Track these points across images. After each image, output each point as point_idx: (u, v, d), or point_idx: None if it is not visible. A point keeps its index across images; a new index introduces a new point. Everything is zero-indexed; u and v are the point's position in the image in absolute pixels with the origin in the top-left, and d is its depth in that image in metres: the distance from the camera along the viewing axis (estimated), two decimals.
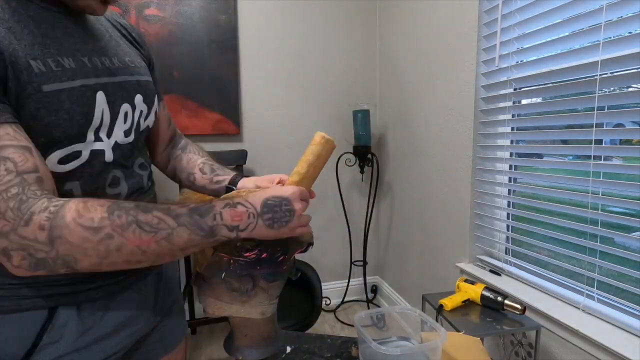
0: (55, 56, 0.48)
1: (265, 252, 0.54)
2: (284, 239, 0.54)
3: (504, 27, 1.27)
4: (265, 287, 0.57)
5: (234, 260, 0.54)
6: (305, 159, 0.58)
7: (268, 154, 2.09)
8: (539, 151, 1.21)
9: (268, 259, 0.55)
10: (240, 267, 0.54)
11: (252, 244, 0.53)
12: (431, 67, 1.67)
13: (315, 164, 0.58)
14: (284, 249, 0.56)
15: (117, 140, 0.56)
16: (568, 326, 1.02)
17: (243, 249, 0.53)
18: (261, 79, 2.03)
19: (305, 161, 0.58)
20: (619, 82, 0.95)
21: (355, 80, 2.20)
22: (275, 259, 0.56)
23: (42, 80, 0.45)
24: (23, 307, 0.50)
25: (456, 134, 1.51)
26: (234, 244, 0.53)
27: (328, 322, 2.08)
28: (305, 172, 0.58)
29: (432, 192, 1.71)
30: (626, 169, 0.97)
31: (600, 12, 0.96)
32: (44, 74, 0.46)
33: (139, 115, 0.61)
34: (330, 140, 0.58)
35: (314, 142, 0.58)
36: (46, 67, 0.46)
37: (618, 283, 0.97)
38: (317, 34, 2.10)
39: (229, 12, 1.90)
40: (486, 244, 1.45)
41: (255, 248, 0.54)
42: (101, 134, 0.53)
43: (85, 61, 0.52)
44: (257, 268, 0.55)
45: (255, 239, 0.52)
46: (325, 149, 0.58)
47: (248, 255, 0.53)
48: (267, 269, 0.55)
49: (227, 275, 0.55)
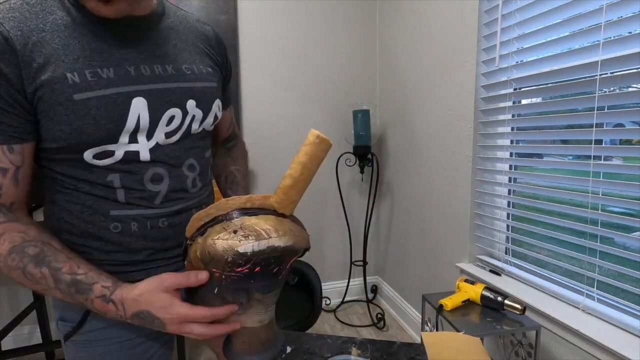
0: (96, 68, 0.54)
1: (258, 266, 0.50)
2: (277, 249, 0.50)
3: (504, 27, 1.27)
4: (260, 299, 0.54)
5: (225, 276, 0.50)
6: (298, 160, 0.53)
7: (268, 153, 2.09)
8: (539, 151, 1.21)
9: (261, 272, 0.51)
10: (233, 282, 0.51)
11: (244, 259, 0.49)
12: (431, 67, 1.67)
13: (310, 165, 0.53)
14: (278, 260, 0.52)
15: (158, 141, 0.60)
16: (568, 326, 1.02)
17: (234, 264, 0.49)
18: (261, 79, 2.03)
19: (298, 163, 0.53)
20: (619, 82, 0.95)
21: (355, 80, 2.20)
22: (270, 271, 0.52)
23: (74, 90, 0.52)
24: None
25: (456, 133, 1.51)
26: (225, 259, 0.49)
27: (328, 322, 2.08)
28: (299, 175, 0.53)
29: (432, 192, 1.71)
30: (626, 169, 0.97)
31: (600, 12, 0.96)
32: (77, 85, 0.52)
33: (191, 120, 0.64)
34: (326, 139, 0.53)
35: (307, 141, 0.53)
36: (81, 79, 0.53)
37: (618, 283, 0.97)
38: (317, 34, 2.10)
39: (229, 12, 1.90)
40: (486, 244, 1.45)
41: (247, 263, 0.49)
42: (139, 136, 0.58)
43: (130, 70, 0.57)
44: (250, 282, 0.52)
45: (246, 253, 0.49)
46: (321, 149, 0.53)
47: (240, 270, 0.50)
48: (261, 281, 0.53)
49: (220, 290, 0.52)
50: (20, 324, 1.77)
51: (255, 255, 0.49)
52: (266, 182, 2.11)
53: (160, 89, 0.59)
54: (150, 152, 0.59)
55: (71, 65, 0.52)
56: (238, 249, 0.48)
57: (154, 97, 0.58)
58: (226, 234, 0.50)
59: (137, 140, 0.58)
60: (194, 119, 0.64)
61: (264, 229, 0.50)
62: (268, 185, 2.10)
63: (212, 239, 0.50)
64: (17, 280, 0.52)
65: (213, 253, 0.49)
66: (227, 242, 0.49)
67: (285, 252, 0.52)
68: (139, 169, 0.59)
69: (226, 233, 0.50)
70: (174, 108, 0.61)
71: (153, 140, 0.59)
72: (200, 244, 0.51)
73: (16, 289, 1.77)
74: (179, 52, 0.64)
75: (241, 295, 0.53)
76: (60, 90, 0.51)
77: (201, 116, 0.65)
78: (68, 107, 0.52)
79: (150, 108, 0.58)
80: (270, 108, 2.07)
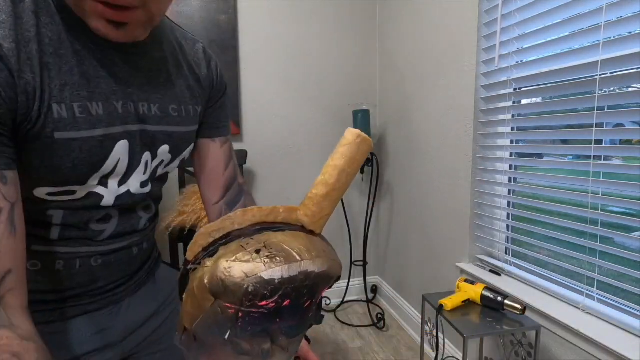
0: (85, 100, 0.45)
1: (287, 298, 0.38)
2: (311, 275, 0.39)
3: (503, 27, 1.27)
4: (285, 345, 0.41)
5: (243, 313, 0.37)
6: (333, 164, 0.42)
7: (268, 153, 2.09)
8: (539, 151, 1.21)
9: (292, 306, 0.39)
10: (252, 321, 0.38)
11: (270, 288, 0.37)
12: (431, 67, 1.67)
13: (348, 170, 0.43)
14: (311, 291, 0.40)
15: (131, 189, 0.53)
16: (568, 326, 1.02)
17: (257, 295, 0.36)
18: (261, 79, 2.03)
19: (334, 167, 0.42)
20: (619, 82, 0.95)
21: (355, 80, 2.20)
22: (301, 305, 0.40)
23: (58, 127, 0.43)
24: None
25: (456, 133, 1.51)
26: (244, 289, 0.36)
27: (328, 322, 2.08)
28: (334, 181, 0.42)
29: (432, 192, 1.71)
30: (626, 169, 0.97)
31: (600, 12, 0.96)
32: (63, 121, 0.43)
33: (158, 164, 0.56)
34: (368, 139, 0.43)
35: (345, 141, 0.42)
36: (68, 114, 0.43)
37: (618, 283, 0.97)
38: (317, 34, 2.10)
39: (228, 12, 1.90)
40: (486, 244, 1.45)
41: (274, 294, 0.37)
42: (110, 180, 0.50)
43: (118, 106, 0.48)
44: (276, 321, 0.39)
45: (274, 280, 0.37)
46: (361, 150, 0.43)
47: (265, 304, 0.37)
48: (290, 320, 0.40)
49: (234, 334, 0.38)
50: None
51: (285, 284, 0.37)
52: (266, 185, 2.11)
53: (144, 130, 0.52)
54: (116, 198, 0.52)
55: (58, 94, 0.42)
56: (262, 275, 0.36)
57: (136, 141, 0.51)
58: (246, 255, 0.37)
59: (107, 185, 0.50)
60: (162, 163, 0.57)
61: (295, 249, 0.39)
62: (268, 188, 2.11)
63: (226, 261, 0.37)
64: None
65: (228, 280, 0.36)
66: (248, 265, 0.37)
67: (319, 280, 0.40)
68: (93, 210, 0.50)
69: (245, 253, 0.38)
70: (148, 152, 0.53)
71: (125, 187, 0.52)
72: (209, 269, 0.38)
73: None
74: (168, 87, 0.55)
75: (261, 341, 0.40)
76: (43, 124, 0.42)
77: (169, 160, 0.58)
78: (47, 144, 0.43)
79: (130, 152, 0.50)
80: (270, 108, 2.07)
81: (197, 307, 0.39)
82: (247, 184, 2.01)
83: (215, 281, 0.37)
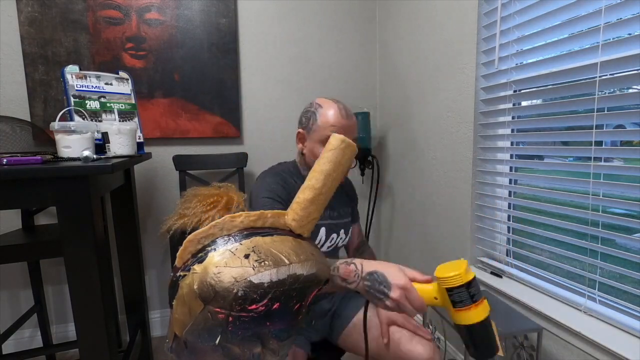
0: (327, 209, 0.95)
1: (277, 302, 0.39)
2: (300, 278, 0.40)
3: (503, 30, 1.27)
4: (275, 349, 0.42)
5: (233, 318, 0.38)
6: (320, 169, 0.44)
7: (268, 156, 2.09)
8: (539, 153, 1.21)
9: (281, 309, 0.39)
10: (242, 325, 0.38)
11: (259, 292, 0.38)
12: (431, 69, 1.67)
13: (334, 175, 0.44)
14: (300, 294, 0.40)
15: None
16: (569, 328, 1.02)
17: (247, 299, 0.37)
18: (261, 82, 2.04)
19: (320, 172, 0.44)
20: (618, 84, 0.95)
21: (355, 83, 2.20)
22: (290, 308, 0.40)
23: None
24: None
25: (456, 136, 1.52)
26: (234, 293, 0.37)
27: None
28: (321, 185, 0.44)
29: (433, 194, 1.71)
30: (627, 170, 0.97)
31: (600, 14, 0.96)
32: None
33: (340, 240, 1.13)
34: (352, 144, 0.45)
35: (330, 146, 0.44)
36: None
37: (619, 284, 0.97)
38: (318, 37, 2.10)
39: (229, 15, 1.91)
40: (487, 245, 1.45)
41: (264, 297, 0.38)
42: None
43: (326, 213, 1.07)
44: (266, 324, 0.39)
45: (263, 284, 0.38)
46: (346, 155, 0.45)
47: (254, 308, 0.38)
48: (280, 323, 0.40)
49: (224, 338, 0.39)
50: (21, 328, 1.77)
51: (273, 287, 0.38)
52: None
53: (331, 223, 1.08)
54: None
55: None
56: (252, 279, 0.37)
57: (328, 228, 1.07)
58: (235, 260, 0.38)
59: None
60: (342, 239, 1.13)
61: (283, 253, 0.40)
62: None
63: (215, 266, 0.38)
64: None
65: (217, 286, 0.37)
66: (237, 270, 0.37)
67: (307, 283, 0.41)
68: None
69: (234, 258, 0.38)
70: (334, 233, 1.10)
71: None
72: (198, 275, 0.38)
73: (17, 293, 1.77)
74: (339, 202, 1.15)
75: (252, 345, 0.40)
76: None
77: (345, 237, 1.15)
78: None
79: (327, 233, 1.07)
80: (271, 111, 2.07)
81: (187, 314, 0.39)
82: (247, 185, 2.01)
83: (205, 287, 0.38)
